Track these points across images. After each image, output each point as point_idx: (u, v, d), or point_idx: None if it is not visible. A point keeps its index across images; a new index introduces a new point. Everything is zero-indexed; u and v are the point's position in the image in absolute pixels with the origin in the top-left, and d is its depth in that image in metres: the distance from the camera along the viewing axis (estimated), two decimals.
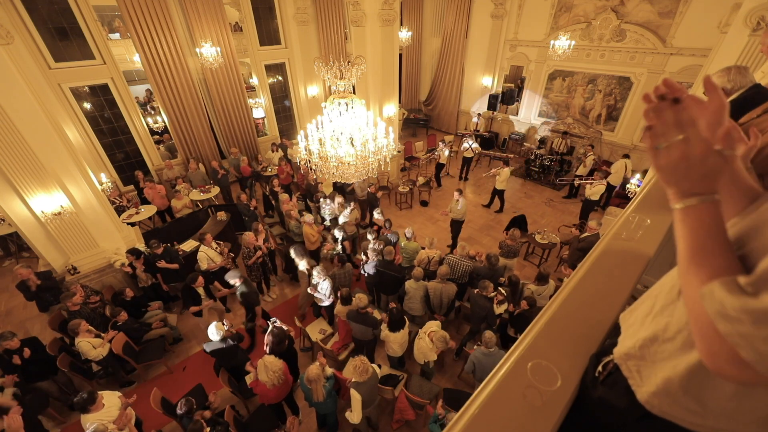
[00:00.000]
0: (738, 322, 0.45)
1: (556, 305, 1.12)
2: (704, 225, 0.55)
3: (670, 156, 0.56)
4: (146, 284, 5.53)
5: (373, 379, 3.53)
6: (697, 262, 0.54)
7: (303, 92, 10.95)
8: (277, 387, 3.56)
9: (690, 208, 0.56)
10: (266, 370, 3.48)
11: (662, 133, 0.57)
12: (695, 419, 0.65)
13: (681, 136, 0.55)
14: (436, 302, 4.76)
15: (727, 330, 0.47)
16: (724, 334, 0.47)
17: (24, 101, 4.53)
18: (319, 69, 3.67)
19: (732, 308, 0.46)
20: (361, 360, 3.39)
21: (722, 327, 0.47)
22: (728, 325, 0.46)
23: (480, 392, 0.90)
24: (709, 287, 0.49)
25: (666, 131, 0.57)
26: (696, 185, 0.56)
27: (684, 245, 0.57)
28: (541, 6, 10.05)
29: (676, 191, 0.58)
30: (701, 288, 0.51)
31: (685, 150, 0.55)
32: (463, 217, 6.84)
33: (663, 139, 0.57)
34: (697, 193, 0.56)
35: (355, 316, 4.25)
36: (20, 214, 5.08)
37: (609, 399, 0.82)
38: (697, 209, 0.56)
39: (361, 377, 3.35)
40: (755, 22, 4.95)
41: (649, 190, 1.70)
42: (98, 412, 3.24)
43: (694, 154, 0.54)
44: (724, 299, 0.47)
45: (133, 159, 8.90)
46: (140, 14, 7.28)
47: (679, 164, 0.56)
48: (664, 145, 0.57)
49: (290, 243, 6.88)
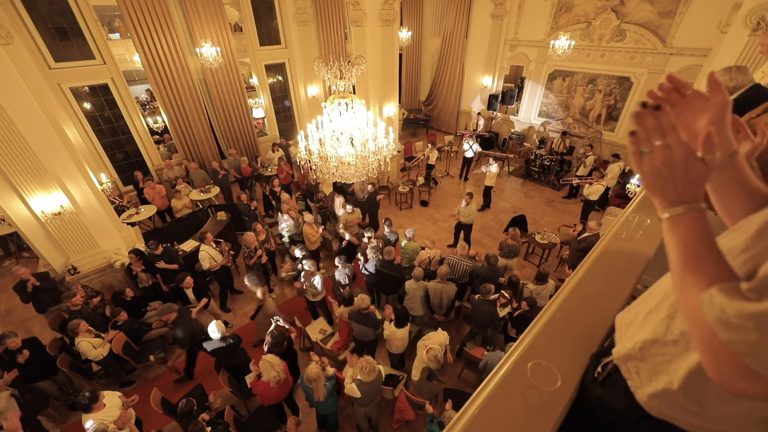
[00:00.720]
0: (742, 329, 0.43)
1: (556, 305, 1.12)
2: (694, 233, 0.55)
3: (653, 161, 0.57)
4: (147, 284, 5.54)
5: (378, 380, 3.54)
6: (692, 270, 0.53)
7: (303, 92, 10.95)
8: (277, 387, 3.57)
9: (678, 216, 0.56)
10: (272, 367, 3.50)
11: (645, 139, 0.58)
12: (695, 421, 0.65)
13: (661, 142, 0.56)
14: (436, 302, 4.76)
15: (730, 338, 0.45)
16: (727, 342, 0.45)
17: (24, 101, 4.53)
18: (319, 69, 3.67)
19: (734, 315, 0.44)
20: (367, 360, 3.40)
21: (725, 335, 0.45)
22: (731, 332, 0.44)
23: (480, 392, 0.90)
24: (708, 293, 0.48)
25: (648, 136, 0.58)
26: (681, 193, 0.56)
27: (676, 254, 0.57)
28: (541, 6, 10.05)
29: (662, 200, 0.59)
30: (699, 295, 0.49)
31: (667, 155, 0.55)
32: (471, 221, 6.70)
33: (646, 144, 0.58)
34: (683, 202, 0.56)
35: (357, 317, 4.25)
36: (20, 214, 5.08)
37: (608, 399, 0.82)
38: (684, 218, 0.56)
39: (368, 377, 3.36)
40: (755, 22, 4.95)
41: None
42: (100, 411, 3.25)
43: (676, 159, 0.55)
44: (725, 305, 0.45)
45: (133, 159, 8.90)
46: (140, 14, 7.28)
47: (662, 170, 0.56)
48: (647, 150, 0.58)
49: (290, 243, 6.90)
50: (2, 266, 7.39)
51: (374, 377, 3.42)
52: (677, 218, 0.57)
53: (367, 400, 3.59)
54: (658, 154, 0.56)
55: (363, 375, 3.36)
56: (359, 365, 3.40)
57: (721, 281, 0.49)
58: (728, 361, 0.46)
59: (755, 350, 0.43)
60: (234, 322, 5.76)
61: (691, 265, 0.54)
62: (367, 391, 3.47)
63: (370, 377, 3.38)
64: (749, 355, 0.43)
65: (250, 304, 6.11)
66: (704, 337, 0.49)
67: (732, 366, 0.46)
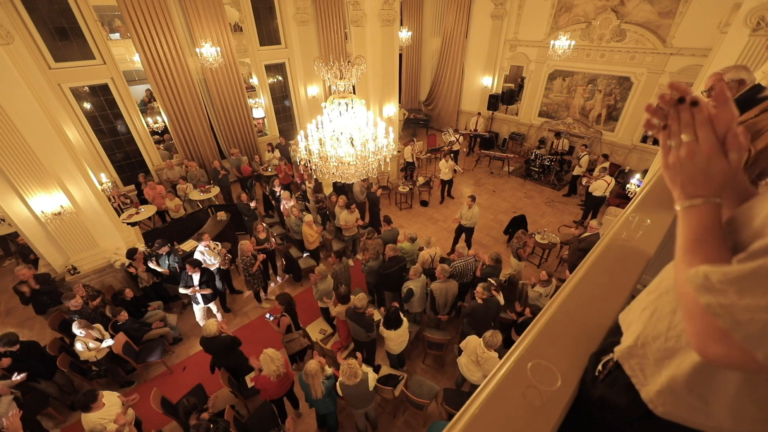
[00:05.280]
0: (721, 293, 0.46)
1: (556, 305, 1.12)
2: (703, 222, 0.57)
3: (678, 155, 0.59)
4: (147, 284, 5.54)
5: (362, 385, 3.44)
6: (692, 251, 0.56)
7: (303, 92, 10.95)
8: (277, 381, 3.59)
9: (693, 207, 0.58)
10: (272, 361, 3.50)
11: (676, 132, 0.60)
12: (700, 419, 0.64)
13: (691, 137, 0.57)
14: (441, 302, 4.75)
15: (708, 301, 0.47)
16: (706, 306, 0.48)
17: (24, 101, 4.53)
18: (319, 69, 3.67)
19: (717, 280, 0.47)
20: (348, 364, 3.33)
21: (704, 299, 0.48)
22: (710, 296, 0.47)
23: (480, 392, 0.90)
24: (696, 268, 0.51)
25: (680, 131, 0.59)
26: (699, 188, 0.57)
27: (682, 238, 0.59)
28: (541, 6, 10.05)
29: (681, 193, 0.60)
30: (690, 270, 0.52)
31: (693, 150, 0.57)
32: (473, 224, 6.65)
33: (675, 138, 0.59)
34: (699, 196, 0.58)
35: (353, 315, 4.23)
36: (20, 214, 5.08)
37: (609, 398, 0.82)
38: (698, 209, 0.58)
39: (349, 380, 3.32)
40: (755, 22, 4.95)
41: (649, 190, 1.70)
42: (99, 410, 3.25)
43: (701, 154, 0.56)
44: (709, 272, 0.48)
45: (133, 159, 8.91)
46: (140, 14, 7.28)
47: (685, 163, 0.58)
48: (674, 144, 0.59)
49: (290, 243, 6.91)
50: (2, 266, 7.39)
51: (356, 382, 3.33)
52: (692, 209, 0.59)
53: (356, 402, 3.56)
54: (684, 149, 0.58)
55: (344, 378, 3.32)
56: (341, 368, 3.36)
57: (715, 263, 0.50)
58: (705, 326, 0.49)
59: (729, 311, 0.45)
60: (234, 322, 5.77)
61: (693, 247, 0.56)
62: (352, 394, 3.41)
63: (351, 381, 3.31)
64: (722, 316, 0.46)
65: (250, 304, 6.12)
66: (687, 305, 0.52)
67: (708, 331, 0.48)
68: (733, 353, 0.47)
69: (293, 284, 6.54)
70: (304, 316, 5.38)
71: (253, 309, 6.02)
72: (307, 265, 6.40)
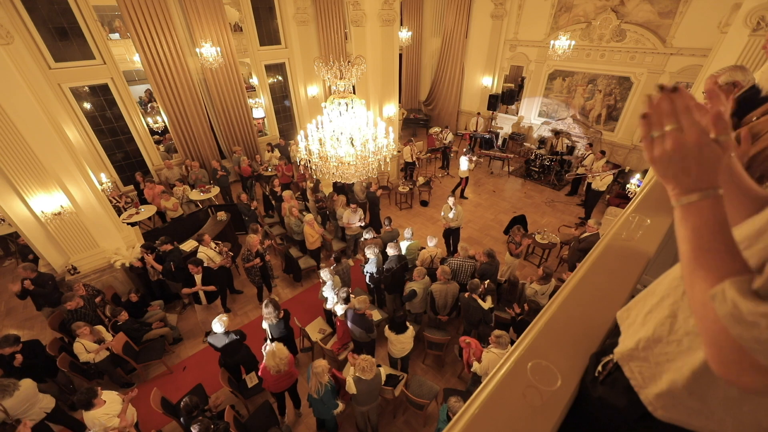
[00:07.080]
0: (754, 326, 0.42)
1: (556, 305, 1.12)
2: (707, 223, 0.51)
3: (663, 146, 0.54)
4: (157, 277, 5.53)
5: (377, 379, 3.55)
6: (703, 264, 0.51)
7: (303, 92, 10.95)
8: (276, 376, 3.61)
9: (691, 205, 0.53)
10: (273, 356, 3.54)
11: (656, 122, 0.56)
12: (699, 421, 0.64)
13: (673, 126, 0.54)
14: (441, 303, 4.76)
15: (741, 334, 0.43)
16: (738, 338, 0.44)
17: (24, 101, 4.52)
18: (319, 69, 3.67)
19: (748, 312, 0.43)
20: (364, 358, 3.42)
21: (736, 331, 0.44)
22: (743, 329, 0.43)
23: (480, 392, 0.90)
24: (720, 287, 0.46)
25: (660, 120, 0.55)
26: (695, 179, 0.53)
27: (687, 246, 0.53)
28: (541, 6, 10.05)
29: (675, 187, 0.55)
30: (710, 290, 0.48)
31: (678, 138, 0.53)
32: (459, 224, 6.58)
33: (657, 127, 0.55)
34: (697, 189, 0.53)
35: (352, 317, 4.24)
36: (20, 214, 5.08)
37: (609, 399, 0.82)
38: (698, 206, 0.52)
39: (366, 375, 3.38)
40: (755, 22, 4.95)
41: (649, 190, 1.70)
42: (101, 407, 3.25)
43: (689, 142, 0.52)
44: (738, 302, 0.44)
45: (133, 159, 8.91)
46: (140, 14, 7.28)
47: (673, 155, 0.53)
48: (657, 134, 0.55)
49: (290, 243, 6.91)
50: (2, 266, 7.39)
51: (372, 376, 3.43)
52: (690, 207, 0.53)
53: (365, 399, 3.58)
54: (668, 139, 0.54)
55: (361, 372, 3.38)
56: (358, 363, 3.43)
57: (733, 275, 0.47)
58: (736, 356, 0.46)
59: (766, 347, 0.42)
60: (234, 321, 5.76)
61: (703, 258, 0.51)
62: (366, 390, 3.47)
63: (368, 375, 3.39)
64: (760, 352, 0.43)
65: (250, 304, 6.11)
66: (713, 332, 0.48)
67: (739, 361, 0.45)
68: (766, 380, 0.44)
69: (293, 284, 6.53)
70: (304, 316, 5.37)
71: (254, 309, 6.02)
72: (307, 265, 6.40)
